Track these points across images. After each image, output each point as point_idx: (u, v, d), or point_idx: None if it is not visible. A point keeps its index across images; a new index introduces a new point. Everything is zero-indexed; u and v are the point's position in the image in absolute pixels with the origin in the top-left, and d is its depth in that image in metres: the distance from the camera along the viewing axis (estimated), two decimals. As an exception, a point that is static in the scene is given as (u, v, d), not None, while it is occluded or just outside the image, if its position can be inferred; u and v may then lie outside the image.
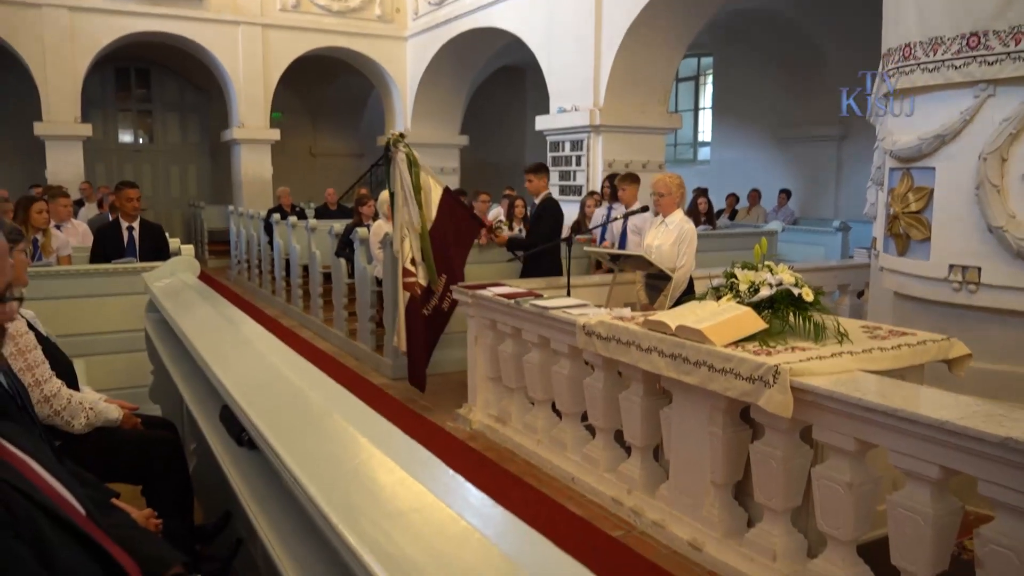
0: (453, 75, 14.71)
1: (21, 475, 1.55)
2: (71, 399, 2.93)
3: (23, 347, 2.86)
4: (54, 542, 1.48)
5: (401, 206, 5.94)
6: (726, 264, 4.03)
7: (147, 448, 3.09)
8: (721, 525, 3.56)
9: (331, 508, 1.34)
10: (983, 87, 4.21)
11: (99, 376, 4.52)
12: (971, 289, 4.33)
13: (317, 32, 14.73)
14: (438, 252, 6.06)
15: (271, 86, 14.62)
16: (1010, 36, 4.03)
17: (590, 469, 4.41)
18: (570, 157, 10.71)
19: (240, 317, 3.27)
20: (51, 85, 12.65)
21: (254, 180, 14.65)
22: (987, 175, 4.17)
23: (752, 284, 3.69)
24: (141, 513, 2.23)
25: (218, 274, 13.99)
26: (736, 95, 14.87)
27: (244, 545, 2.35)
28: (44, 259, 5.79)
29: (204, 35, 13.90)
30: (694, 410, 3.66)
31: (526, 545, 1.19)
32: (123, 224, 6.07)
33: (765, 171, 14.07)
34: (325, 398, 1.99)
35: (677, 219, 5.15)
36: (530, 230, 6.95)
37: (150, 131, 17.97)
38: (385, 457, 1.54)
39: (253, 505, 1.95)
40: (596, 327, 4.08)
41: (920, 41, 4.50)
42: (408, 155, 5.88)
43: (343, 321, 8.14)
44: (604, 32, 10.03)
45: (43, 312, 4.05)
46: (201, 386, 2.95)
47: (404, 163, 5.86)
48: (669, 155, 14.41)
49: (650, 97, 10.37)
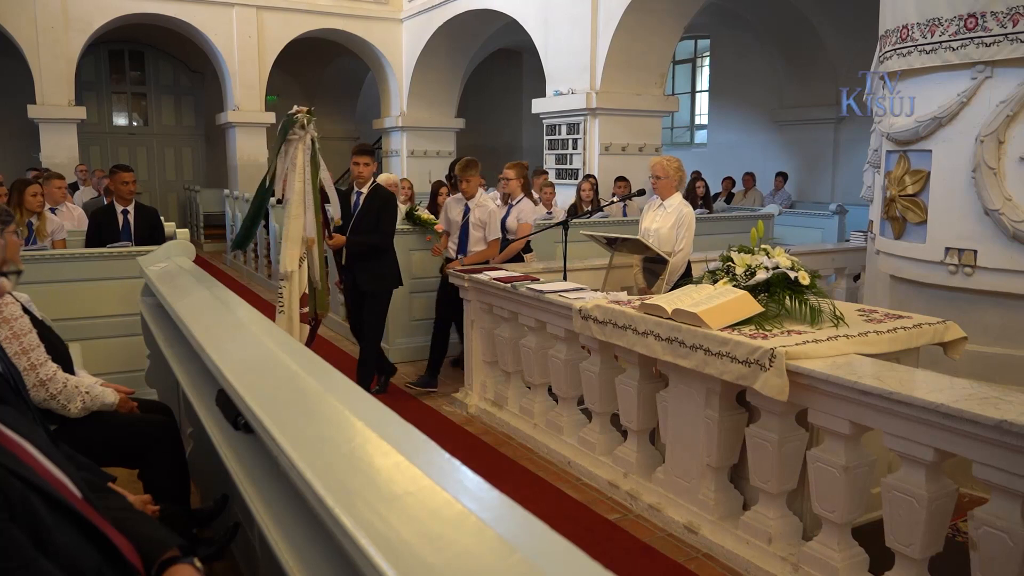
0: (449, 58, 14.63)
1: (17, 458, 1.55)
2: (67, 383, 2.93)
3: (18, 331, 2.86)
4: (51, 525, 1.48)
5: (297, 212, 4.62)
6: (723, 248, 4.03)
7: (143, 432, 3.09)
8: (717, 508, 3.58)
9: (327, 491, 1.34)
10: (980, 69, 4.20)
11: (95, 360, 4.52)
12: (967, 272, 4.33)
13: (312, 14, 14.63)
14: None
15: (266, 68, 14.53)
16: (1008, 17, 4.01)
17: (586, 453, 4.42)
18: (567, 140, 10.68)
19: (236, 301, 3.26)
20: (44, 68, 12.55)
21: (250, 163, 14.59)
22: (984, 157, 4.17)
23: (748, 267, 3.69)
24: (138, 498, 2.23)
25: (214, 258, 13.95)
26: (733, 78, 14.82)
27: (241, 529, 2.35)
28: (39, 243, 5.77)
29: (198, 17, 13.79)
30: (690, 394, 3.67)
31: (522, 528, 1.19)
32: (118, 208, 6.05)
33: (762, 154, 14.04)
34: (321, 382, 1.98)
35: (676, 202, 5.13)
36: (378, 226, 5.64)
37: (145, 114, 17.86)
38: (381, 440, 1.54)
39: (249, 489, 1.95)
40: (592, 311, 4.08)
41: (918, 22, 4.48)
42: (315, 142, 4.72)
43: (339, 305, 8.13)
44: (601, 14, 9.97)
45: (38, 296, 4.04)
46: (197, 370, 2.95)
47: (309, 151, 4.67)
48: (666, 138, 14.38)
49: (647, 80, 10.33)
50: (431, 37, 14.08)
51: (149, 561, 1.69)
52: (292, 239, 4.63)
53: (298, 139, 4.60)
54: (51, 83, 12.62)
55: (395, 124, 15.35)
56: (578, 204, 8.61)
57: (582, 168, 10.32)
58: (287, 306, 4.64)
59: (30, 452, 1.63)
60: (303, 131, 4.60)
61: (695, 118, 16.76)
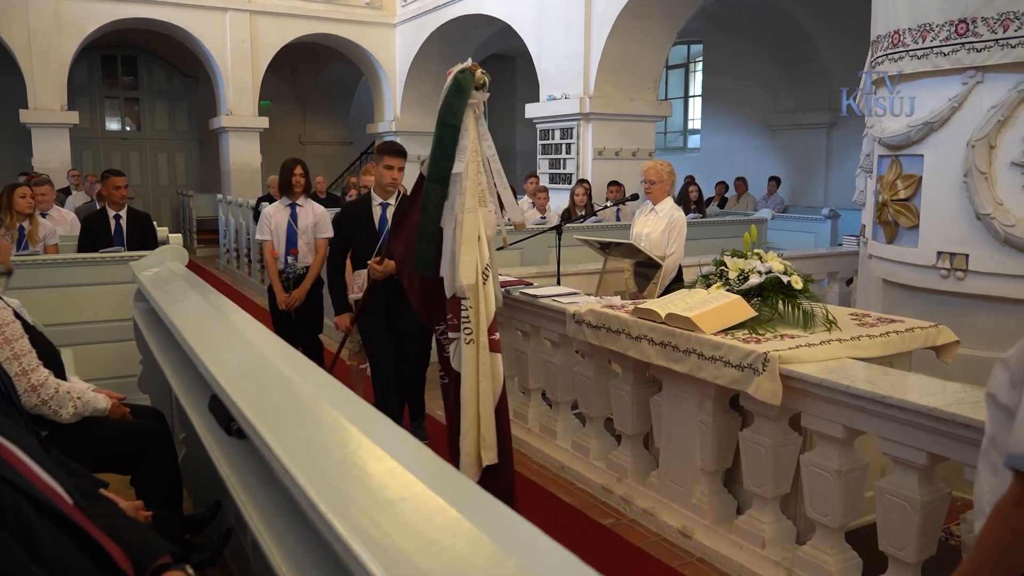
0: (442, 62, 14.58)
1: (8, 464, 1.54)
2: (58, 388, 2.91)
3: (9, 336, 2.84)
4: (42, 531, 1.47)
5: (471, 204, 3.51)
6: (716, 252, 4.03)
7: (136, 438, 3.08)
8: (711, 512, 3.58)
9: (320, 497, 1.33)
10: (972, 74, 4.22)
11: (87, 366, 4.50)
12: (959, 276, 4.35)
13: (305, 19, 14.63)
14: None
15: (259, 73, 14.52)
16: (998, 23, 4.04)
17: (580, 457, 4.42)
18: (560, 145, 10.70)
19: (229, 306, 3.25)
20: (37, 72, 12.52)
21: (243, 168, 14.57)
22: (975, 162, 4.19)
23: (741, 272, 3.70)
24: (130, 504, 2.22)
25: (207, 263, 13.92)
26: (726, 82, 14.87)
27: (234, 535, 2.35)
28: (31, 248, 5.74)
29: (191, 22, 13.78)
30: (684, 398, 3.67)
31: (515, 533, 1.19)
32: (110, 213, 6.03)
33: (755, 158, 14.08)
34: (314, 387, 1.98)
35: (667, 207, 5.14)
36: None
37: (137, 119, 17.83)
38: (374, 446, 1.53)
39: (243, 494, 1.95)
40: (586, 316, 4.08)
41: (909, 28, 4.50)
42: (486, 112, 3.75)
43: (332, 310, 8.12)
44: (594, 19, 9.99)
45: (30, 301, 4.02)
46: (190, 375, 2.94)
47: (481, 124, 3.59)
48: (659, 143, 14.40)
49: (640, 85, 10.36)
50: (424, 42, 14.09)
51: (141, 568, 1.68)
52: (468, 240, 3.50)
53: (475, 104, 3.54)
54: (43, 88, 12.58)
55: (389, 129, 15.35)
56: (571, 209, 8.63)
57: (575, 173, 10.34)
58: (475, 331, 3.52)
59: (21, 459, 1.62)
60: (480, 94, 3.55)
61: (688, 123, 16.81)
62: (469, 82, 3.45)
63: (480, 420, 3.52)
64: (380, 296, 4.45)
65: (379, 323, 4.53)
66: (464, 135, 3.47)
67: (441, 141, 3.49)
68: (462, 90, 3.45)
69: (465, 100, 3.45)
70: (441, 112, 3.49)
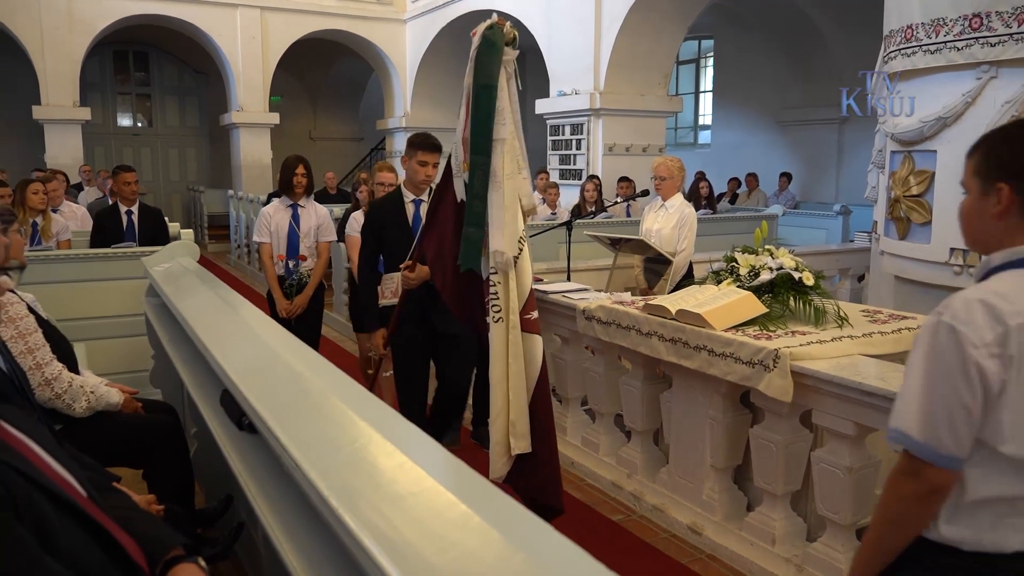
0: (453, 58, 14.63)
1: (22, 456, 1.55)
2: (72, 382, 2.93)
3: (23, 330, 2.86)
4: (56, 523, 1.48)
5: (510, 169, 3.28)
6: (726, 248, 4.02)
7: (148, 432, 3.09)
8: (721, 509, 3.58)
9: (331, 492, 1.34)
10: (985, 69, 4.19)
11: (99, 360, 4.53)
12: (972, 272, 4.32)
13: (316, 15, 14.65)
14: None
15: (270, 69, 14.55)
16: (1013, 17, 4.00)
17: (590, 454, 4.42)
18: (570, 141, 10.68)
19: (240, 301, 3.26)
20: (49, 69, 12.59)
21: (253, 164, 14.61)
22: (989, 158, 4.16)
23: (752, 268, 3.69)
24: (142, 498, 2.23)
25: (218, 258, 13.97)
26: (737, 78, 14.80)
27: (245, 528, 2.36)
28: (44, 243, 5.78)
29: (202, 18, 13.82)
30: (694, 395, 3.67)
31: (525, 529, 1.19)
32: (122, 208, 6.06)
33: (766, 154, 14.02)
34: (325, 382, 1.98)
35: (677, 203, 5.13)
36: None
37: (149, 115, 17.90)
38: (385, 441, 1.54)
39: (254, 489, 1.96)
40: (596, 312, 4.08)
41: (922, 22, 4.47)
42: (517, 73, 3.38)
43: (343, 306, 8.13)
44: (604, 14, 9.96)
45: (43, 296, 4.04)
46: (201, 370, 2.95)
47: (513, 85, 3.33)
48: (669, 138, 14.35)
49: (650, 80, 10.33)
50: (435, 38, 14.10)
51: (153, 560, 1.69)
52: (509, 208, 3.23)
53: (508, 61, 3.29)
54: (56, 84, 12.66)
55: (399, 125, 15.36)
56: (582, 205, 8.62)
57: (586, 169, 10.32)
58: (504, 309, 3.26)
59: (35, 451, 1.63)
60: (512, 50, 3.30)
61: (699, 118, 16.75)
62: (500, 37, 3.22)
63: (510, 405, 3.27)
64: (415, 300, 3.95)
65: (413, 332, 4.03)
66: (499, 96, 3.25)
67: (480, 107, 3.24)
68: (494, 46, 3.21)
69: (499, 57, 3.22)
70: (476, 75, 3.25)
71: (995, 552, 1.56)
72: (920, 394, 1.54)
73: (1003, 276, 1.57)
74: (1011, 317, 1.48)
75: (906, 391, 1.57)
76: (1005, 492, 1.54)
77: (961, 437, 1.51)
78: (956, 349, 1.50)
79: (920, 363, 1.56)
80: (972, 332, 1.48)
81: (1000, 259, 1.60)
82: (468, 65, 3.28)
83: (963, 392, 1.49)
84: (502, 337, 3.26)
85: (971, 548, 1.56)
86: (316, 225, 5.12)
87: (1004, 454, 1.52)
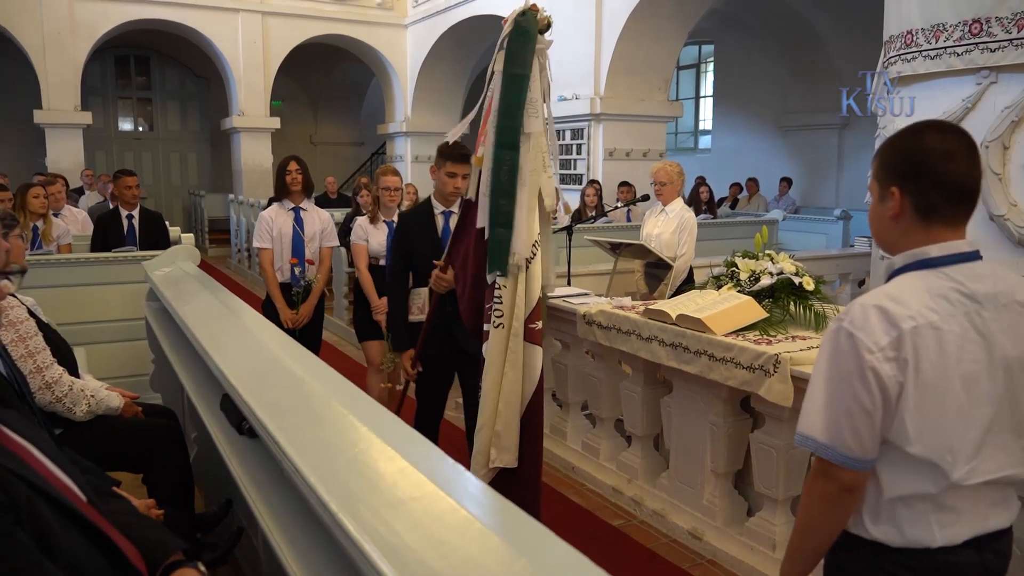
0: (453, 63, 14.65)
1: (22, 461, 1.55)
2: (72, 386, 2.94)
3: (24, 334, 2.87)
4: (55, 528, 1.48)
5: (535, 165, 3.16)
6: (727, 253, 4.02)
7: (148, 436, 3.09)
8: (721, 514, 3.57)
9: (331, 497, 1.34)
10: (985, 74, 4.20)
11: (100, 364, 4.53)
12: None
13: (317, 19, 14.67)
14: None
15: (271, 74, 14.57)
16: (1012, 23, 4.01)
17: (590, 458, 4.42)
18: (571, 146, 10.69)
19: (240, 306, 3.26)
20: (51, 73, 12.60)
21: (254, 168, 14.62)
22: (989, 163, 4.16)
23: (753, 273, 3.69)
24: (142, 502, 2.23)
25: (218, 263, 13.98)
26: (737, 83, 14.82)
27: (245, 533, 2.36)
28: (44, 247, 5.78)
29: (204, 23, 13.84)
30: (694, 399, 3.66)
31: (526, 534, 1.19)
32: (123, 212, 6.06)
33: (766, 159, 14.03)
34: (325, 387, 1.98)
35: (677, 208, 5.14)
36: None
37: (150, 119, 17.92)
38: (385, 446, 1.54)
39: (254, 493, 1.96)
40: (596, 316, 4.08)
41: (922, 28, 4.48)
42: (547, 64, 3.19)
43: (343, 310, 8.13)
44: (605, 20, 9.98)
45: (44, 300, 4.05)
46: (201, 375, 2.95)
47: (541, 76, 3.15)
48: (670, 143, 14.38)
49: (651, 85, 10.34)
50: (436, 42, 14.11)
51: (153, 565, 1.69)
52: (530, 208, 3.14)
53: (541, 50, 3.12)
54: (57, 88, 12.67)
55: (400, 129, 15.38)
56: (582, 209, 8.63)
57: (586, 173, 10.33)
58: (507, 315, 3.14)
59: (35, 455, 1.63)
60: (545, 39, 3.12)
61: (699, 123, 16.77)
62: (533, 24, 3.03)
63: (499, 416, 3.15)
64: (443, 317, 3.66)
65: (440, 347, 3.72)
66: (532, 87, 3.06)
67: (509, 98, 3.06)
68: (527, 34, 3.03)
69: (533, 45, 3.04)
70: (507, 64, 3.06)
71: (921, 547, 1.60)
72: (823, 398, 1.60)
73: (902, 279, 1.62)
74: (905, 321, 1.53)
75: (810, 395, 1.63)
76: (919, 490, 1.59)
77: (864, 439, 1.56)
78: (853, 354, 1.55)
79: (822, 368, 1.62)
80: (867, 337, 1.54)
81: (901, 261, 1.66)
82: (496, 54, 3.12)
83: (862, 396, 1.54)
84: (501, 344, 3.15)
85: (899, 545, 1.61)
86: (320, 229, 4.91)
87: (912, 454, 1.57)
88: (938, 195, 1.59)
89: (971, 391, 1.57)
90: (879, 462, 1.60)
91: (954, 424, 1.56)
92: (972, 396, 1.57)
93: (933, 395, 1.55)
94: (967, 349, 1.56)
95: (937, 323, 1.54)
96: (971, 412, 1.57)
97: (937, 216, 1.61)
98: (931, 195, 1.60)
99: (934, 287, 1.58)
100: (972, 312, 1.57)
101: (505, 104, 3.07)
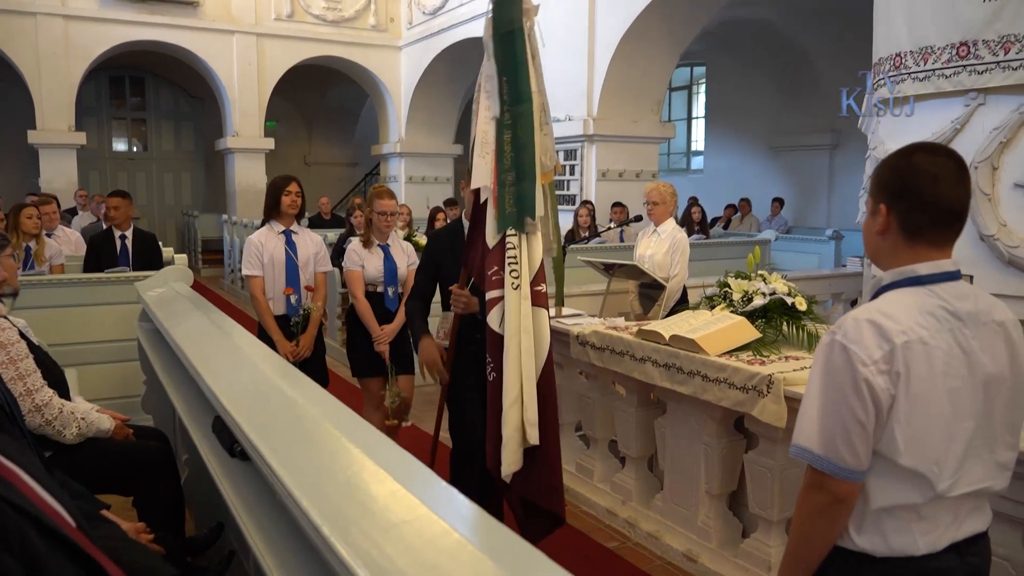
0: (447, 84, 14.73)
1: (11, 485, 1.54)
2: (63, 409, 2.92)
3: (14, 356, 2.85)
4: (44, 553, 1.46)
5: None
6: (720, 273, 4.03)
7: (139, 459, 3.07)
8: (716, 536, 3.55)
9: (323, 520, 1.33)
10: (973, 96, 4.24)
11: (91, 386, 4.50)
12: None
13: (312, 41, 14.75)
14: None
15: (265, 95, 14.62)
16: (999, 45, 4.06)
17: (584, 480, 4.40)
18: (564, 166, 10.73)
19: (233, 326, 3.26)
20: (45, 93, 12.62)
21: (248, 189, 14.63)
22: (978, 184, 4.19)
23: (745, 293, 3.70)
24: (132, 525, 2.21)
25: (212, 283, 13.95)
26: (729, 104, 14.94)
27: (236, 557, 2.34)
28: (37, 267, 5.77)
29: (199, 44, 13.90)
30: (688, 420, 3.66)
31: (519, 557, 1.18)
32: (116, 233, 6.06)
33: (758, 180, 14.11)
34: (318, 408, 1.98)
35: (669, 228, 5.16)
36: None
37: (144, 139, 17.94)
38: (378, 468, 1.53)
39: (245, 517, 1.94)
40: (590, 337, 4.08)
41: (910, 50, 4.53)
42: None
43: (336, 331, 8.12)
44: (597, 42, 10.06)
45: (35, 321, 4.03)
46: (193, 396, 2.94)
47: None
48: (663, 164, 14.45)
49: (643, 106, 10.41)
50: (429, 64, 14.19)
51: (143, 590, 1.68)
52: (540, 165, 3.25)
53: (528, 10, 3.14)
54: (52, 109, 12.68)
55: (393, 150, 15.43)
56: (575, 230, 8.64)
57: (579, 194, 10.37)
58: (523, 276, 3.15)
59: (24, 480, 1.62)
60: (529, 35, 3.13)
61: (691, 144, 16.88)
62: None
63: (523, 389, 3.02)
64: (470, 342, 3.45)
65: (467, 379, 3.48)
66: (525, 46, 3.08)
67: (510, 55, 3.07)
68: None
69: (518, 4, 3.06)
70: (496, 26, 3.10)
71: (904, 556, 1.63)
72: (818, 410, 1.63)
73: (890, 296, 1.66)
74: (897, 336, 1.57)
75: (805, 408, 1.66)
76: (906, 500, 1.62)
77: (858, 450, 1.59)
78: (848, 367, 1.58)
79: (817, 380, 1.65)
80: (861, 351, 1.57)
81: (888, 278, 1.69)
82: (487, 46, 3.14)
83: (856, 407, 1.57)
84: (517, 308, 3.05)
85: (882, 554, 1.64)
86: (314, 253, 4.54)
87: (902, 465, 1.60)
88: (923, 216, 1.63)
89: (956, 405, 1.61)
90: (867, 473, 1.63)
91: (941, 437, 1.60)
92: (957, 410, 1.61)
93: (922, 408, 1.58)
94: (952, 365, 1.60)
95: (926, 339, 1.58)
96: (956, 426, 1.61)
97: (922, 236, 1.65)
98: (916, 216, 1.64)
99: (922, 304, 1.62)
100: (956, 329, 1.61)
101: (509, 64, 3.08)
